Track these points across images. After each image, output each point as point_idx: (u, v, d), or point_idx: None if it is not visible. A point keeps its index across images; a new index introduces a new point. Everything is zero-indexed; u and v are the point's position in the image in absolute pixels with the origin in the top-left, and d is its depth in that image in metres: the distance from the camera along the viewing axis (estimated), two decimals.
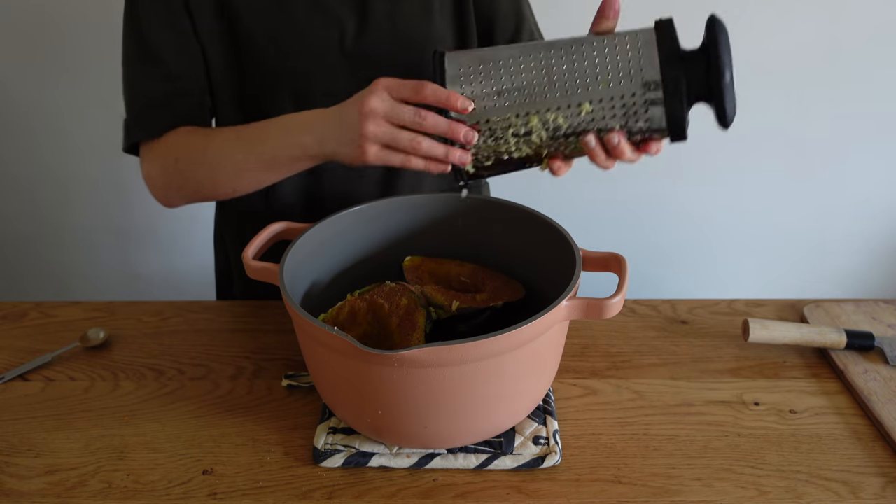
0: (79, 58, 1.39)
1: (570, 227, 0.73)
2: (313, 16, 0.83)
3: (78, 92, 1.44)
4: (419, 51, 0.86)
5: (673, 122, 0.60)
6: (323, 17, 0.83)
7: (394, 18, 0.85)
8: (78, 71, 1.41)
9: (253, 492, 0.65)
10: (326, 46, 0.84)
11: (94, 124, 1.47)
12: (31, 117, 1.48)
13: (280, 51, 0.83)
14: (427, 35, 0.87)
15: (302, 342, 0.68)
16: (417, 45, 0.86)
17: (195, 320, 0.91)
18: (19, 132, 1.50)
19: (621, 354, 0.84)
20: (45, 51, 1.40)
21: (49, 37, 1.38)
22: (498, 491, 0.65)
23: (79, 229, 1.63)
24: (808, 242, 1.64)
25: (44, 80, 1.43)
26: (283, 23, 0.82)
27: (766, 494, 0.65)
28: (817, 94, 1.44)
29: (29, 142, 1.51)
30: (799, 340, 0.82)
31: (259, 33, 0.82)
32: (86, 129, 1.48)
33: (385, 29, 0.85)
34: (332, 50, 0.84)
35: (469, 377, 0.59)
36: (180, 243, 1.64)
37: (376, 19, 0.84)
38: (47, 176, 1.55)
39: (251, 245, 0.70)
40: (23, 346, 0.86)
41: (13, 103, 1.46)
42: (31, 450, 0.70)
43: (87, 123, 1.47)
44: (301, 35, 0.83)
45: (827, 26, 1.37)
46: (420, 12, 0.86)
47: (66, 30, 1.37)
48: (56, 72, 1.42)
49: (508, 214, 0.78)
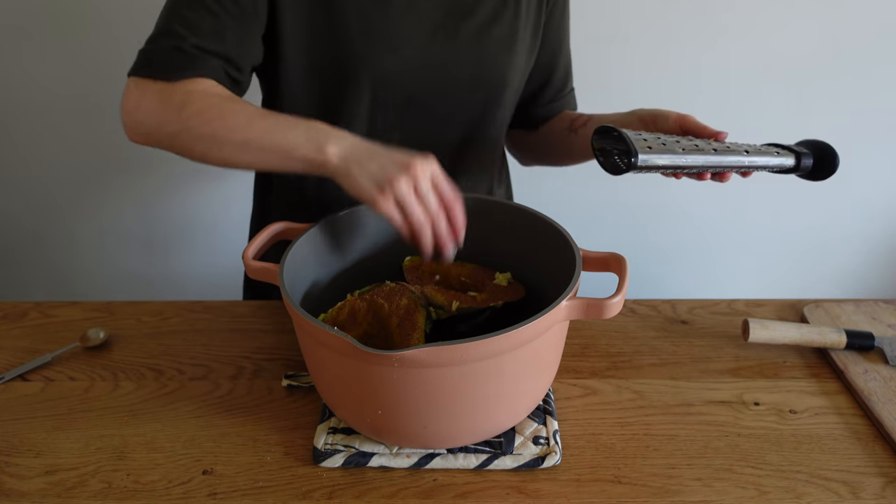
0: (80, 57, 1.39)
1: (570, 227, 0.73)
2: (407, 16, 0.84)
3: (78, 92, 1.44)
4: (498, 78, 0.89)
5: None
6: (417, 19, 0.84)
7: (482, 38, 0.87)
8: (79, 71, 1.41)
9: (253, 492, 0.65)
10: (413, 50, 0.85)
11: (95, 124, 1.47)
12: (32, 117, 1.48)
13: (369, 42, 0.83)
14: (508, 64, 0.89)
15: (302, 342, 0.68)
16: (499, 72, 0.89)
17: (195, 320, 0.91)
18: (20, 132, 1.50)
19: (621, 354, 0.84)
20: (45, 50, 1.40)
21: (51, 36, 1.38)
22: (498, 491, 0.65)
23: (79, 229, 1.63)
24: (808, 242, 1.64)
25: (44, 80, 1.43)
26: (379, 18, 0.83)
27: (766, 494, 0.65)
28: (817, 94, 1.44)
29: (29, 142, 1.51)
30: (799, 340, 0.82)
31: (353, 22, 0.82)
32: (86, 129, 1.48)
33: (473, 47, 0.87)
34: (417, 55, 0.85)
35: (469, 377, 0.59)
36: (181, 244, 1.64)
37: (466, 35, 0.86)
38: (47, 176, 1.55)
39: (251, 245, 0.70)
40: (23, 346, 0.86)
41: (13, 103, 1.46)
42: (31, 450, 0.70)
43: (88, 123, 1.47)
44: (394, 32, 0.83)
45: (826, 25, 1.37)
46: (508, 40, 0.89)
47: (68, 29, 1.37)
48: (57, 71, 1.42)
49: (509, 214, 0.78)
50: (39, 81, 1.43)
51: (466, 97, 0.89)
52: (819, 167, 0.74)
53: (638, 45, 1.40)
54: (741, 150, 0.71)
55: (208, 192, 1.56)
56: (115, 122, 1.45)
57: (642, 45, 1.40)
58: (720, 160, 0.69)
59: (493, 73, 0.89)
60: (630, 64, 1.42)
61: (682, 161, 0.68)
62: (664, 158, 0.66)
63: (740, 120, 1.45)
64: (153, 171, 1.53)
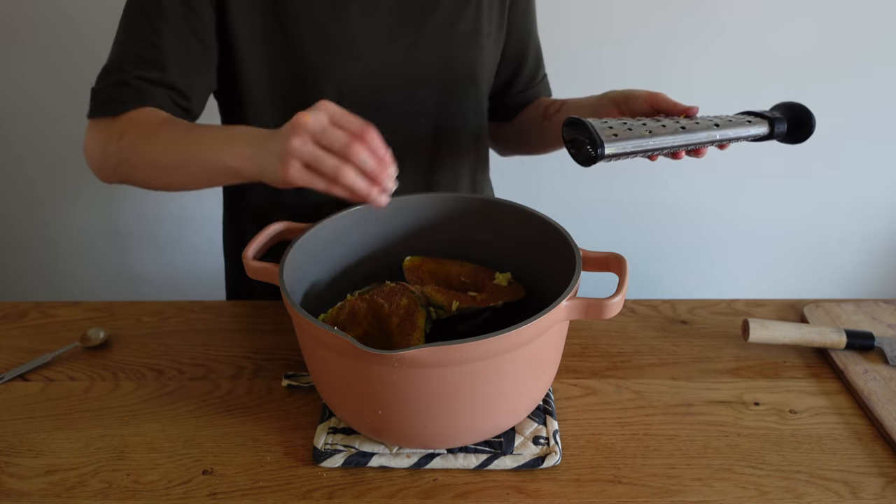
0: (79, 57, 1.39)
1: (570, 227, 0.73)
2: (365, 21, 0.83)
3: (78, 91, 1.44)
4: (466, 73, 0.89)
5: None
6: (374, 26, 0.84)
7: (445, 36, 0.86)
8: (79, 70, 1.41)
9: (253, 492, 0.65)
10: (376, 55, 0.85)
11: None
12: (32, 117, 1.48)
13: (329, 53, 0.82)
14: (476, 59, 0.89)
15: (302, 342, 0.68)
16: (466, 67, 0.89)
17: (195, 320, 0.91)
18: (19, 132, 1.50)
19: (621, 354, 0.84)
20: (44, 50, 1.40)
21: (48, 37, 1.38)
22: (498, 491, 0.65)
23: (79, 230, 1.63)
24: (808, 242, 1.64)
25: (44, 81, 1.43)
26: (335, 27, 0.82)
27: (766, 494, 0.65)
28: (817, 93, 1.43)
29: (29, 141, 1.51)
30: (799, 340, 0.82)
31: (309, 34, 0.81)
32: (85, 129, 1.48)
33: (437, 45, 0.86)
34: (380, 59, 0.85)
35: (469, 377, 0.59)
36: (181, 244, 1.64)
37: (429, 34, 0.86)
38: (47, 176, 1.55)
39: (251, 245, 0.70)
40: (23, 346, 0.86)
41: (13, 103, 1.46)
42: (31, 450, 0.70)
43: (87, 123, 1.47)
44: (352, 39, 0.83)
45: (827, 25, 1.37)
46: (472, 35, 0.88)
47: (66, 30, 1.37)
48: (56, 71, 1.42)
49: (509, 214, 0.78)
50: (37, 82, 1.43)
51: (435, 95, 0.89)
52: (795, 130, 0.72)
53: (633, 45, 1.40)
54: (711, 125, 0.69)
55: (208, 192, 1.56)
56: None
57: (637, 45, 1.40)
58: (689, 138, 0.68)
59: (460, 69, 0.88)
60: (625, 64, 1.42)
61: (650, 144, 0.66)
62: (630, 144, 0.65)
63: None
64: None
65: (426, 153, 0.94)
